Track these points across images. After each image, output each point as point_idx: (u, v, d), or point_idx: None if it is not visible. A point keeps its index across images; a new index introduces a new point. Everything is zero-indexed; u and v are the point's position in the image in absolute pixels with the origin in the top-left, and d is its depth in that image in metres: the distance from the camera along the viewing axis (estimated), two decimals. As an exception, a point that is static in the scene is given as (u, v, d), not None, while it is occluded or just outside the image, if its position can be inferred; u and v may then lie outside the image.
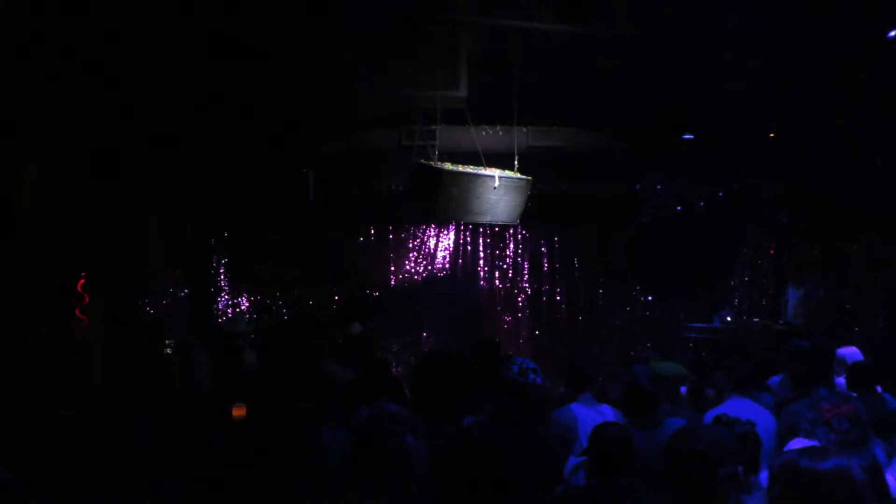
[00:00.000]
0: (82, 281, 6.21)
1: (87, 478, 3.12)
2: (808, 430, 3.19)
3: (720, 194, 9.38)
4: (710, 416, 3.87)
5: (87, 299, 6.15)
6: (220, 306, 9.32)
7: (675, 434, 2.15)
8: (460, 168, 6.13)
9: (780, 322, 8.72)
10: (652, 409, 3.60)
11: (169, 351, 6.41)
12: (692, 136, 7.66)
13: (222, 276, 9.38)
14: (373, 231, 9.93)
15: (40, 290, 5.60)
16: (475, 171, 6.13)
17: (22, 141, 5.36)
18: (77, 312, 6.10)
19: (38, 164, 5.62)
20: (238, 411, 5.16)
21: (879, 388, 4.62)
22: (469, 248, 10.39)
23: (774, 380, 4.89)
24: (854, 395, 4.26)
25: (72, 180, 5.90)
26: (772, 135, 7.50)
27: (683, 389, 5.13)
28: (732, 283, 10.03)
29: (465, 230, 10.29)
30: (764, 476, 3.18)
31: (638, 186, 9.07)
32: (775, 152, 7.64)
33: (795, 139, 7.42)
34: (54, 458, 3.26)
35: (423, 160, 6.24)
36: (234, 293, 9.45)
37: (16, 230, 5.47)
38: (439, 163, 6.17)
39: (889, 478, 2.82)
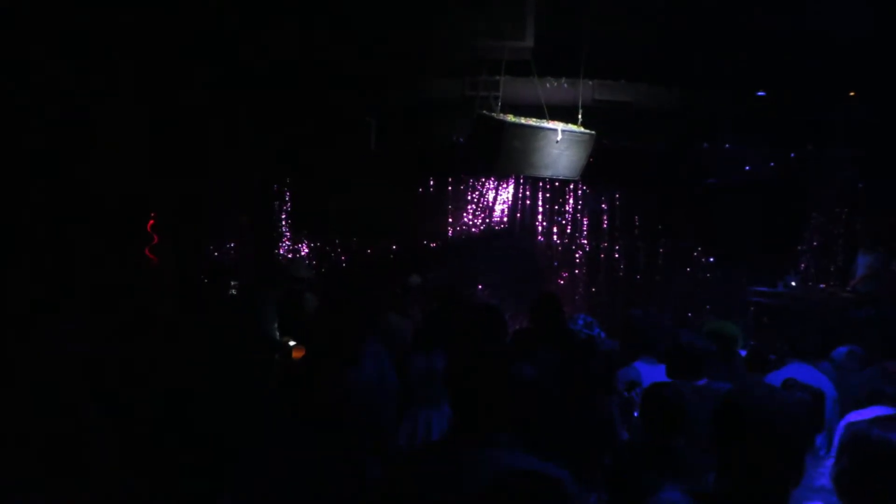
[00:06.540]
0: (151, 222, 6.41)
1: (159, 413, 3.27)
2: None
3: (792, 156, 9.04)
4: (771, 379, 3.81)
5: (156, 239, 6.35)
6: (282, 252, 9.52)
7: (734, 394, 2.00)
8: (523, 120, 6.04)
9: (848, 290, 8.43)
10: (692, 370, 3.57)
11: (234, 292, 6.59)
12: (764, 94, 7.36)
13: (284, 223, 9.55)
14: (432, 182, 9.92)
15: (111, 229, 5.81)
16: (538, 124, 6.03)
17: (95, 84, 5.50)
18: (147, 252, 6.31)
19: (111, 109, 5.77)
20: (298, 353, 5.32)
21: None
22: (528, 202, 10.30)
23: (841, 351, 4.76)
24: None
25: (145, 126, 6.04)
26: (852, 94, 7.15)
27: (743, 353, 5.05)
28: (800, 248, 9.73)
29: (524, 184, 10.19)
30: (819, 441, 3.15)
31: (706, 145, 8.80)
32: (854, 116, 7.30)
33: (875, 103, 7.07)
34: (129, 392, 3.42)
35: (485, 111, 6.17)
36: (295, 239, 9.62)
37: (90, 172, 5.65)
38: (502, 115, 6.09)
39: None
